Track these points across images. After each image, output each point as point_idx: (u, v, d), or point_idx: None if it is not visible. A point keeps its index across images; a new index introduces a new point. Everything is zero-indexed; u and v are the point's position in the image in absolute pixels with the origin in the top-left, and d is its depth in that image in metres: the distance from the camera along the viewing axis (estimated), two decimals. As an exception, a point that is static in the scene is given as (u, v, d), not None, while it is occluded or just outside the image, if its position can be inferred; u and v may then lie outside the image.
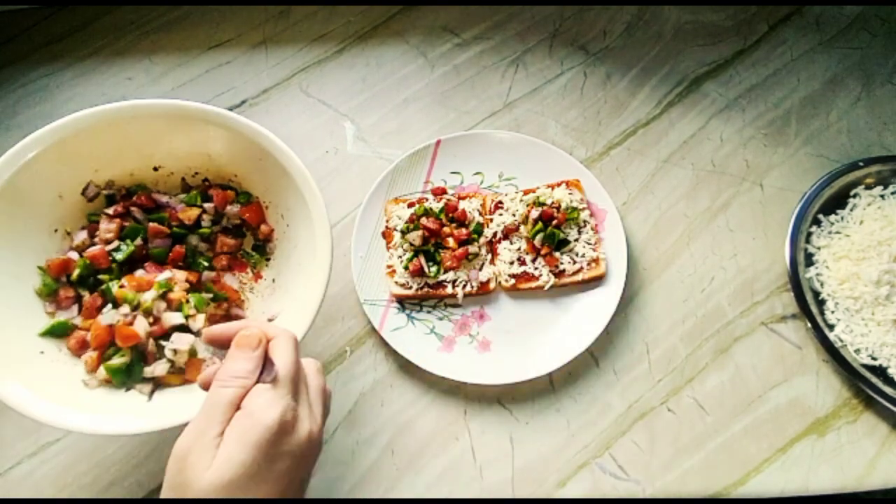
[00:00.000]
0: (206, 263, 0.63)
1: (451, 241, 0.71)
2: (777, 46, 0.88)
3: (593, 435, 0.67)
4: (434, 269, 0.70)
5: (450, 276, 0.71)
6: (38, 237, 0.59)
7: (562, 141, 0.82)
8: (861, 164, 0.76)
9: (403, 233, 0.72)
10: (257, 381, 0.41)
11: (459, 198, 0.75)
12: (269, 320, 0.61)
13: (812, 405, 0.68)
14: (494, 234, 0.74)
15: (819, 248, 0.74)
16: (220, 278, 0.64)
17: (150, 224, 0.62)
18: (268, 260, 0.66)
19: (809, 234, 0.74)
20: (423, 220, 0.71)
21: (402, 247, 0.72)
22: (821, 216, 0.75)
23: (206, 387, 0.43)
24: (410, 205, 0.74)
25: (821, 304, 0.71)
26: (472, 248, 0.71)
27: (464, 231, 0.72)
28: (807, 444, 0.67)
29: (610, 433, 0.67)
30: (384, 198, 0.76)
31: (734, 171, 0.80)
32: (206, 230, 0.64)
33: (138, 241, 0.61)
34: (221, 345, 0.44)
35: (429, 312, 0.72)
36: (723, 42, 0.89)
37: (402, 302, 0.72)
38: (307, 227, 0.59)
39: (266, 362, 0.41)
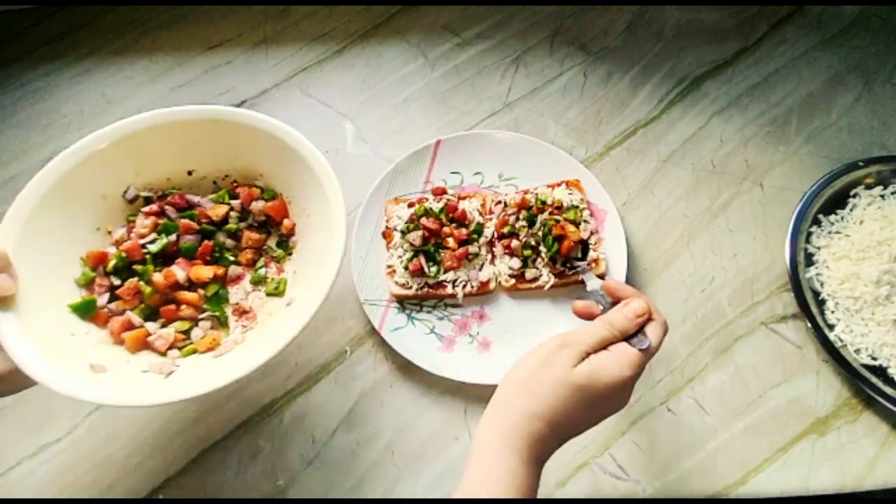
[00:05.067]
0: (232, 258, 0.67)
1: (451, 241, 0.71)
2: (778, 46, 0.88)
3: (593, 435, 0.67)
4: (434, 269, 0.70)
5: (450, 276, 0.71)
6: (82, 233, 0.63)
7: (562, 141, 0.82)
8: (861, 164, 0.76)
9: (403, 233, 0.72)
10: (624, 340, 0.50)
11: (459, 198, 0.75)
12: (287, 305, 0.63)
13: (812, 405, 0.68)
14: (494, 234, 0.74)
15: (819, 248, 0.73)
16: (245, 273, 0.67)
17: (182, 221, 0.66)
18: (290, 254, 0.68)
19: (809, 234, 0.74)
20: (423, 220, 0.71)
21: (402, 247, 0.72)
22: (821, 216, 0.75)
23: (576, 310, 0.57)
24: (410, 205, 0.74)
25: (821, 304, 0.71)
26: (472, 248, 0.71)
27: (464, 231, 0.71)
28: (807, 444, 0.66)
29: (610, 433, 0.67)
30: (384, 198, 0.76)
31: (734, 170, 0.80)
32: (232, 226, 0.67)
33: (172, 237, 0.65)
34: (614, 297, 0.55)
35: (429, 312, 0.72)
36: (723, 41, 0.89)
37: (402, 302, 0.72)
38: (324, 215, 0.61)
39: (640, 331, 0.51)
